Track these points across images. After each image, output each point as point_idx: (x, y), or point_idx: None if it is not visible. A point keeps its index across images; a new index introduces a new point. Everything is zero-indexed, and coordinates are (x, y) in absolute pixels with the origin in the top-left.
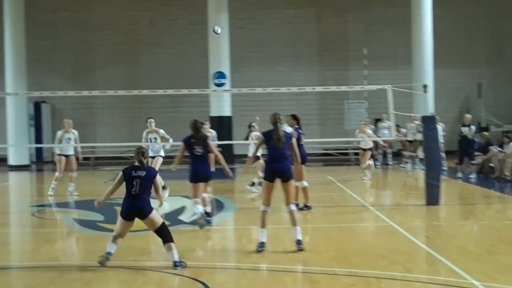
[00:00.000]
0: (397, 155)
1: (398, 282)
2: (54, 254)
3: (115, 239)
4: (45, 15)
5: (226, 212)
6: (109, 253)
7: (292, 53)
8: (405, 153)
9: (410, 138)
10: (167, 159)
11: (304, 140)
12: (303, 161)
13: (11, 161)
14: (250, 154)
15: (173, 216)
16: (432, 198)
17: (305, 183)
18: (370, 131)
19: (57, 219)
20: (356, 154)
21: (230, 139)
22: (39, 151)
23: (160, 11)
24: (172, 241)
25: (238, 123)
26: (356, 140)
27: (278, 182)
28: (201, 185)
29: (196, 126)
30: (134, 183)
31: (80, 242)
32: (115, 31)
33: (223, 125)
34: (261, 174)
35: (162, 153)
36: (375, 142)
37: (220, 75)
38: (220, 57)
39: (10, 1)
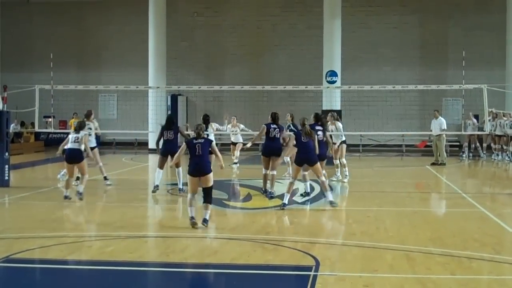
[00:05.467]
0: (489, 148)
1: (488, 262)
2: (186, 226)
3: (191, 201)
4: (184, 19)
5: (335, 195)
6: (192, 217)
7: (397, 55)
8: (495, 146)
9: (498, 132)
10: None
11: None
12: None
13: (151, 145)
14: None
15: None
16: None
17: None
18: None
19: (188, 196)
20: (451, 146)
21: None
22: None
23: (282, 16)
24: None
25: (346, 116)
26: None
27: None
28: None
29: None
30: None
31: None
32: (242, 34)
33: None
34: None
35: None
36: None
37: (332, 73)
38: (333, 57)
39: (154, 7)
